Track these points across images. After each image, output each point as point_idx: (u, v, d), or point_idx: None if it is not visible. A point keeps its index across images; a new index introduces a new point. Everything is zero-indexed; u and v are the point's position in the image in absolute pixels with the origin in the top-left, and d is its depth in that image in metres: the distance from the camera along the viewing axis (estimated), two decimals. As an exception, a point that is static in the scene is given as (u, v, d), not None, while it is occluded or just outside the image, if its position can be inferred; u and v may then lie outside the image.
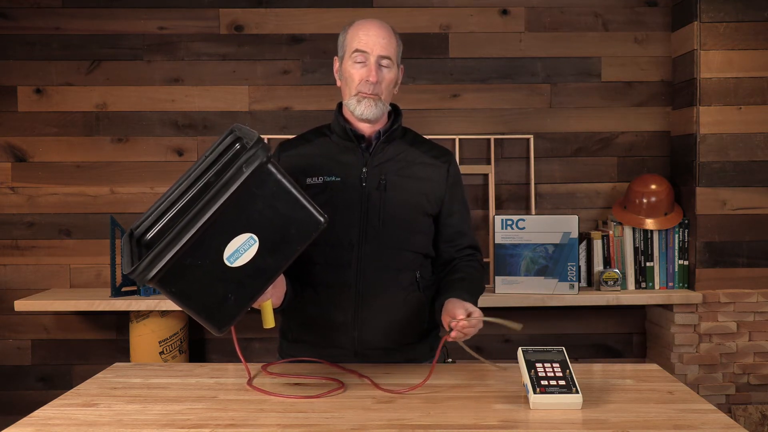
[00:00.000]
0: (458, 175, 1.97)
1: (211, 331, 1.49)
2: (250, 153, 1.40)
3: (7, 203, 3.28)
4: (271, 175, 1.44)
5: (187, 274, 1.41)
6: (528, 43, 3.31)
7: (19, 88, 3.27)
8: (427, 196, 1.89)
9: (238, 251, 1.44)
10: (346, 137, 1.89)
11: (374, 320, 1.83)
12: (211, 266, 1.43)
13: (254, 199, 1.43)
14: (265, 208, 1.44)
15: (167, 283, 1.41)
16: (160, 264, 1.37)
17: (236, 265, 1.44)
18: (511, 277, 3.08)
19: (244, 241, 1.44)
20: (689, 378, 3.07)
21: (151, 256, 1.37)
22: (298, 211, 1.47)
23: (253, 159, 1.40)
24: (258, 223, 1.44)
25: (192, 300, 1.44)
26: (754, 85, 3.08)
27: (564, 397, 1.48)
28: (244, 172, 1.39)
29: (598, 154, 3.34)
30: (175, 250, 1.37)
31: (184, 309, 1.45)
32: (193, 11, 3.27)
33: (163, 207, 1.62)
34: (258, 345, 3.32)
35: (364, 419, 1.43)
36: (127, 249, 1.52)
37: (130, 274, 1.38)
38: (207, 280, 1.43)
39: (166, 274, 1.39)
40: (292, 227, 1.47)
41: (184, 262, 1.40)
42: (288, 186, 1.46)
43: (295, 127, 3.26)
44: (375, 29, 1.84)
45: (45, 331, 3.31)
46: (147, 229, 1.62)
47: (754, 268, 3.10)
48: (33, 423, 1.43)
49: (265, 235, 1.45)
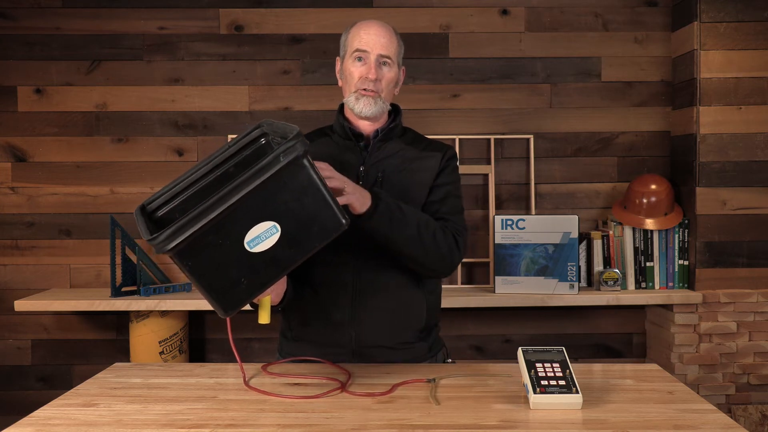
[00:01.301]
0: (453, 165, 1.94)
1: (217, 312, 1.49)
2: (289, 144, 1.41)
3: (7, 203, 3.28)
4: (304, 169, 1.45)
5: (206, 251, 1.42)
6: (528, 43, 3.31)
7: (19, 88, 3.27)
8: (422, 186, 1.88)
9: (259, 237, 1.45)
10: (346, 136, 1.89)
11: (371, 319, 1.84)
12: (230, 247, 1.44)
13: (284, 190, 1.44)
14: (292, 201, 1.45)
15: (185, 257, 1.42)
16: (182, 236, 1.38)
17: (255, 251, 1.45)
18: (511, 277, 3.08)
19: (267, 228, 1.45)
20: (689, 378, 3.07)
21: (173, 228, 1.38)
22: (323, 209, 1.48)
23: (291, 150, 1.41)
24: (283, 214, 1.45)
25: (205, 277, 1.45)
26: (754, 85, 3.08)
27: (564, 397, 1.47)
28: (281, 161, 1.40)
29: (598, 154, 3.34)
30: (200, 225, 1.38)
31: (195, 285, 1.46)
32: (193, 11, 3.28)
33: (178, 188, 1.63)
34: (258, 345, 3.32)
35: (364, 419, 1.43)
36: (142, 221, 1.53)
37: (150, 241, 1.38)
38: (223, 261, 1.44)
39: (186, 248, 1.40)
40: (314, 224, 1.49)
41: (206, 238, 1.41)
42: (318, 183, 1.47)
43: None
44: (376, 29, 1.85)
45: (45, 331, 3.31)
46: (159, 206, 1.63)
47: (754, 268, 3.10)
48: (33, 423, 1.43)
49: (288, 226, 1.46)
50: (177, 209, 1.63)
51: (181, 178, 1.63)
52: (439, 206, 1.88)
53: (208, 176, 1.64)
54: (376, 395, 1.57)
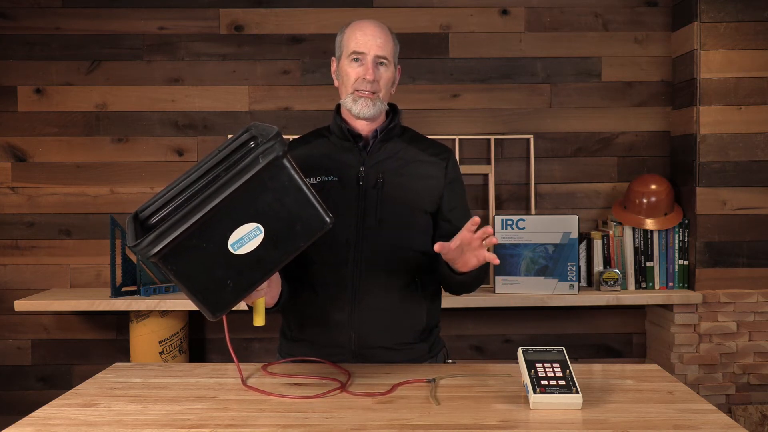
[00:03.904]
0: (457, 172, 1.96)
1: (205, 315, 1.50)
2: (267, 145, 1.42)
3: (7, 203, 3.28)
4: (284, 170, 1.46)
5: (190, 255, 1.43)
6: (528, 43, 3.31)
7: (19, 88, 3.27)
8: (425, 193, 1.89)
9: (243, 239, 1.46)
10: (343, 137, 1.89)
11: (371, 319, 1.83)
12: (214, 250, 1.44)
13: (265, 191, 1.45)
14: (274, 201, 1.46)
15: (169, 261, 1.42)
16: (165, 241, 1.39)
17: (239, 253, 1.46)
18: (511, 277, 3.08)
19: (251, 230, 1.46)
20: (689, 378, 3.07)
21: (156, 233, 1.39)
22: (305, 209, 1.49)
23: (269, 151, 1.42)
24: (266, 215, 1.46)
25: (191, 281, 1.46)
26: (754, 85, 3.08)
27: (564, 397, 1.47)
28: (259, 162, 1.41)
29: (598, 154, 3.34)
30: (182, 229, 1.39)
31: (182, 289, 1.47)
32: (193, 11, 3.28)
33: (170, 194, 1.64)
34: (258, 345, 3.33)
35: (364, 419, 1.43)
36: (131, 227, 1.54)
37: (133, 247, 1.39)
38: (209, 264, 1.45)
39: (169, 252, 1.41)
40: (298, 223, 1.49)
41: (189, 242, 1.42)
42: (299, 183, 1.48)
43: (295, 127, 3.26)
44: (372, 29, 1.85)
45: (45, 331, 3.31)
46: (152, 213, 1.63)
47: (754, 268, 3.10)
48: (33, 423, 1.43)
49: (271, 227, 1.46)
50: (170, 215, 1.63)
51: (174, 183, 1.64)
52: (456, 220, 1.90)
53: (200, 181, 1.64)
54: (376, 395, 1.57)
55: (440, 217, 1.92)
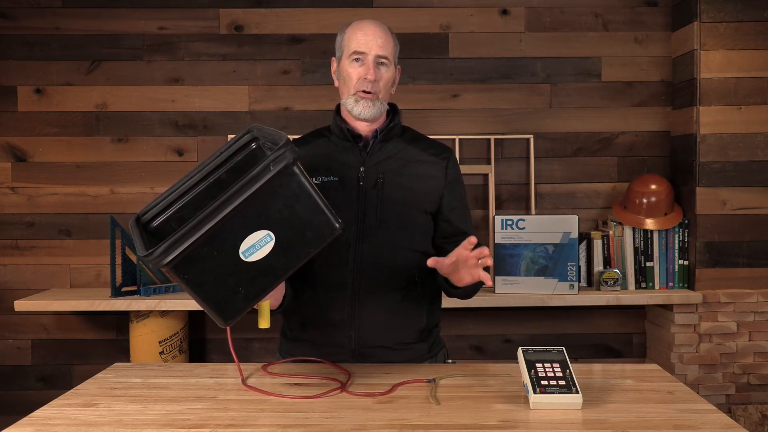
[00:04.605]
0: (458, 173, 1.96)
1: (217, 322, 1.50)
2: (278, 153, 1.43)
3: (7, 203, 3.28)
4: (295, 177, 1.46)
5: (202, 263, 1.43)
6: (528, 43, 3.31)
7: (19, 88, 3.27)
8: (425, 193, 1.89)
9: (254, 246, 1.46)
10: (344, 137, 1.89)
11: (371, 319, 1.84)
12: (226, 258, 1.45)
13: (276, 198, 1.45)
14: (284, 208, 1.47)
15: (181, 270, 1.43)
16: (178, 251, 1.39)
17: (251, 260, 1.46)
18: (511, 277, 3.08)
19: (261, 237, 1.46)
20: (689, 378, 3.07)
21: (168, 242, 1.39)
22: (316, 215, 1.50)
23: (281, 159, 1.42)
24: (276, 222, 1.46)
25: (203, 289, 1.46)
26: (754, 85, 3.08)
27: (564, 397, 1.48)
28: (270, 170, 1.42)
29: (598, 154, 3.34)
30: (194, 238, 1.39)
31: (193, 297, 1.47)
32: (193, 11, 3.28)
33: (172, 197, 1.64)
34: (258, 345, 3.33)
35: (364, 419, 1.43)
36: (137, 233, 1.54)
37: (145, 257, 1.39)
38: (220, 272, 1.45)
39: (181, 261, 1.41)
40: (308, 230, 1.50)
41: (201, 251, 1.42)
42: (309, 189, 1.48)
43: (295, 127, 3.25)
44: (372, 29, 1.85)
45: (45, 331, 3.31)
46: (154, 217, 1.63)
47: (754, 268, 3.10)
48: (33, 423, 1.43)
49: (282, 234, 1.47)
50: (172, 218, 1.63)
51: (175, 186, 1.64)
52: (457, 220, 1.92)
53: (202, 183, 1.64)
54: (376, 395, 1.57)
55: (440, 217, 1.92)
